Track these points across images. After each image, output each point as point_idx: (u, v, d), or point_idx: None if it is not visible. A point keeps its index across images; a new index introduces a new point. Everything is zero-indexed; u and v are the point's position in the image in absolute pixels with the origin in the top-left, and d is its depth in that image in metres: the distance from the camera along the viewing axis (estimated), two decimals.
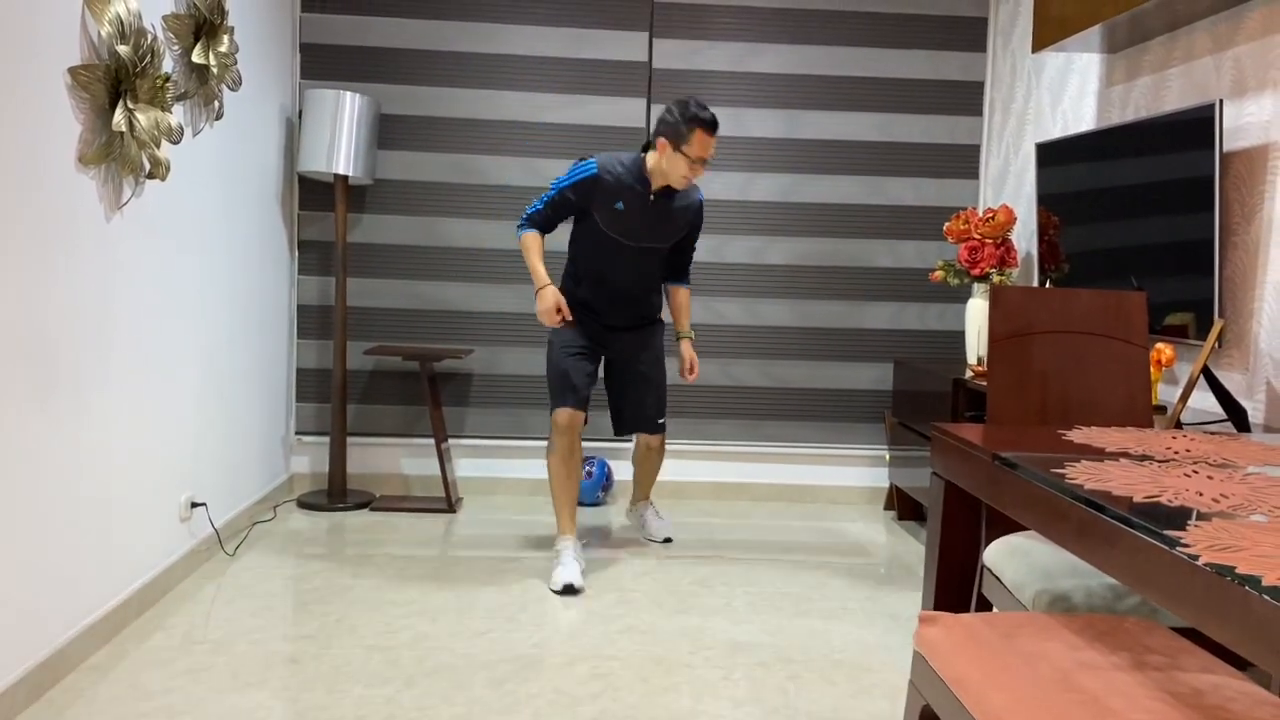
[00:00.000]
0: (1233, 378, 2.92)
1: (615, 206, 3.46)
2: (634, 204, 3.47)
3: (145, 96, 2.80)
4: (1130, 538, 1.23)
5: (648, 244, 3.54)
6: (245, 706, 2.43)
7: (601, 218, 3.49)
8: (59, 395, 2.51)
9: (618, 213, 3.47)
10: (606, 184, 3.45)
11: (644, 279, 3.61)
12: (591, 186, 3.45)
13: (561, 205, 3.50)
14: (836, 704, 2.56)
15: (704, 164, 3.41)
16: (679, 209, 3.58)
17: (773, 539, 4.08)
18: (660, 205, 3.52)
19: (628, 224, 3.49)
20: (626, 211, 3.46)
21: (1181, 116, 2.99)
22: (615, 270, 3.55)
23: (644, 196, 3.48)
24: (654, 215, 3.51)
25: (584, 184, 3.45)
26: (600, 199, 3.46)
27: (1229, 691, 1.36)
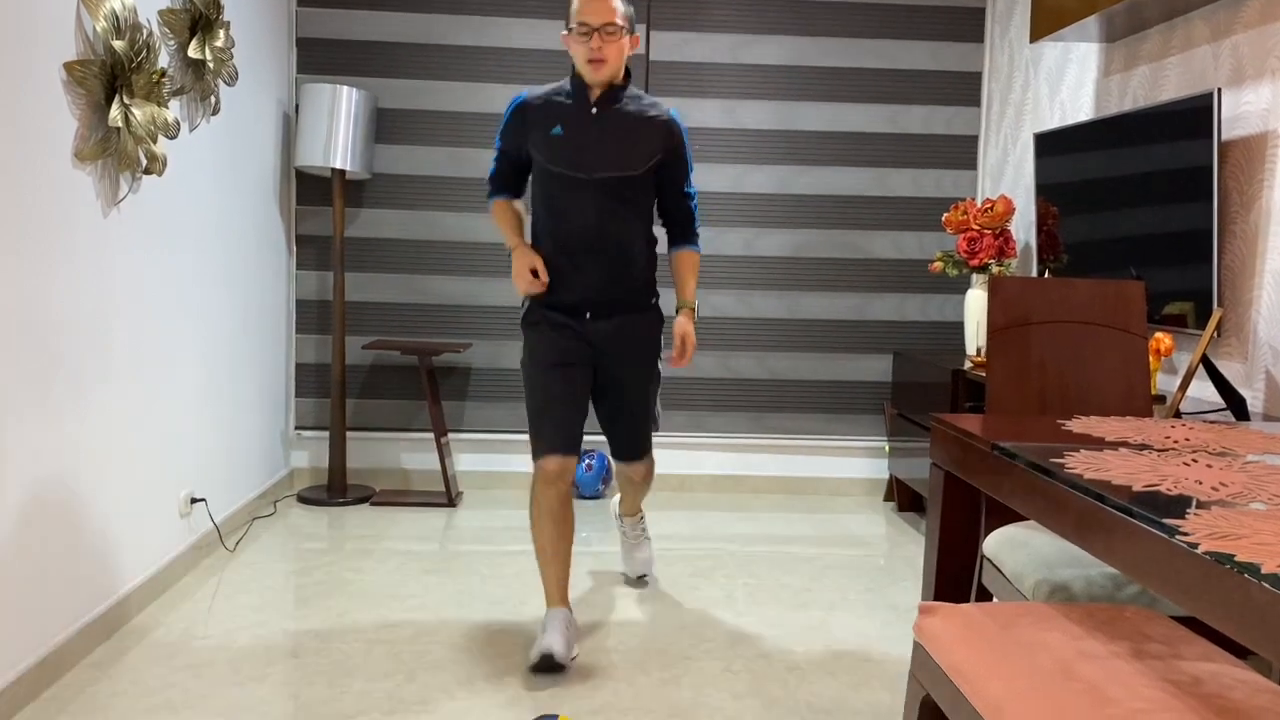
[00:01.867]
0: (1231, 367, 2.92)
1: (552, 133, 2.77)
2: (574, 122, 2.77)
3: (141, 91, 2.79)
4: (1130, 527, 1.23)
5: (606, 172, 2.77)
6: (247, 701, 2.43)
7: (542, 151, 2.79)
8: (57, 392, 2.51)
9: (556, 139, 2.77)
10: (535, 108, 2.80)
11: (612, 224, 2.80)
12: (521, 115, 2.82)
13: (507, 154, 2.90)
14: (837, 695, 2.56)
15: (597, 33, 2.69)
16: (638, 120, 2.80)
17: (772, 531, 4.08)
18: (608, 117, 2.78)
19: (572, 149, 2.76)
20: (567, 134, 2.76)
21: (1180, 105, 2.99)
22: (573, 215, 2.80)
23: (583, 109, 2.78)
24: (602, 131, 2.77)
25: (513, 118, 2.84)
26: (534, 130, 2.80)
27: (1228, 679, 1.36)
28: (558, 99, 2.80)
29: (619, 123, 2.78)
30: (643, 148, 2.80)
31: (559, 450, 2.77)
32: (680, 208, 2.96)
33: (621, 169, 2.78)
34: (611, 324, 2.86)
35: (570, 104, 2.79)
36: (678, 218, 2.98)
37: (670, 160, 2.87)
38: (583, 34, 2.71)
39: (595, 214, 2.78)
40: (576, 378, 2.84)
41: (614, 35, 2.72)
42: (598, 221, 2.78)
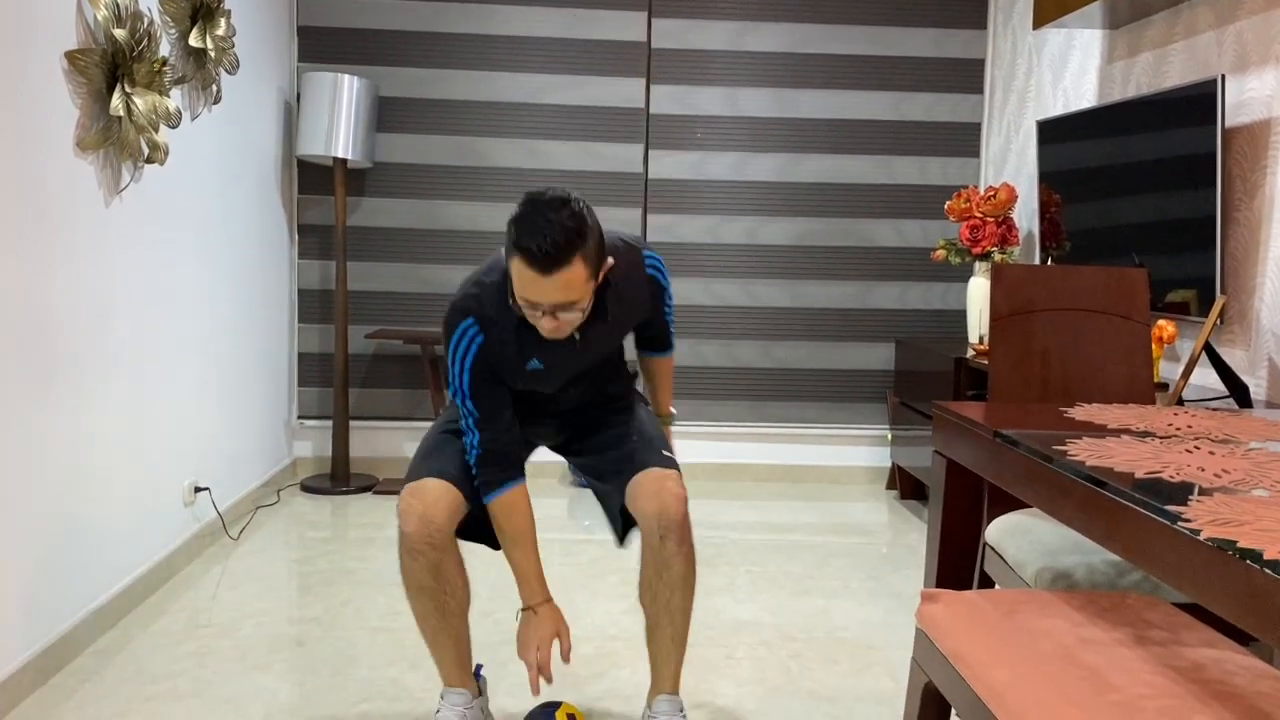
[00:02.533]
0: (1234, 354, 2.91)
1: (529, 367, 2.08)
2: (555, 354, 2.09)
3: (143, 80, 2.79)
4: (1132, 514, 1.23)
5: (584, 368, 2.19)
6: (251, 689, 2.44)
7: (515, 385, 2.11)
8: (60, 381, 2.52)
9: (535, 373, 2.10)
10: (498, 345, 2.05)
11: (588, 392, 2.28)
12: (485, 366, 2.05)
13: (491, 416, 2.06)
14: (839, 682, 2.57)
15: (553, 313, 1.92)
16: (622, 318, 2.16)
17: (775, 519, 4.08)
18: (595, 333, 2.11)
19: (551, 377, 2.13)
20: (548, 365, 2.09)
21: (1183, 92, 2.98)
22: (550, 407, 2.25)
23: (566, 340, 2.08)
24: (587, 346, 2.13)
25: (476, 372, 2.04)
26: (507, 371, 2.08)
27: (1231, 666, 1.36)
28: (520, 323, 2.04)
29: (604, 333, 2.14)
30: (626, 329, 2.22)
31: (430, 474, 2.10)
32: (660, 332, 2.38)
33: (603, 352, 2.19)
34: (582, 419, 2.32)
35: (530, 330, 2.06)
36: (653, 335, 2.40)
37: (653, 316, 2.29)
38: (529, 308, 1.94)
39: (574, 396, 2.25)
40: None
41: (574, 309, 1.94)
42: (576, 398, 2.26)
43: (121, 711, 2.31)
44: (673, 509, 2.06)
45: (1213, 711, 1.23)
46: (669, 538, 2.06)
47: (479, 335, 2.03)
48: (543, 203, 1.87)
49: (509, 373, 2.07)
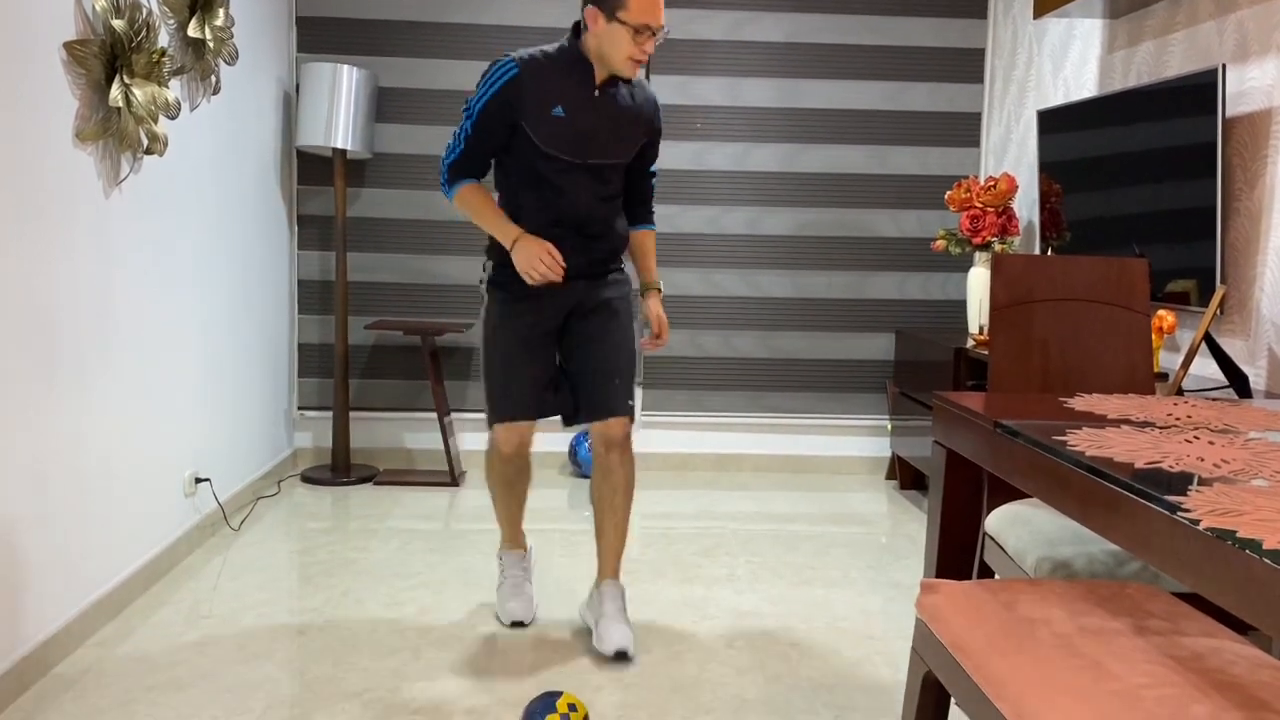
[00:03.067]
0: (1234, 344, 2.92)
1: (553, 113, 2.56)
2: (576, 104, 2.58)
3: (142, 71, 2.78)
4: (1132, 503, 1.23)
5: (600, 159, 2.64)
6: (253, 678, 2.45)
7: (537, 131, 2.57)
8: (61, 373, 2.52)
9: (557, 121, 2.56)
10: (534, 83, 2.55)
11: (599, 207, 2.69)
12: (515, 91, 2.55)
13: (485, 130, 2.60)
14: (839, 671, 2.58)
15: (653, 35, 2.51)
16: (633, 106, 2.67)
17: (775, 509, 4.09)
18: (609, 102, 2.62)
19: (573, 133, 2.59)
20: (569, 116, 2.57)
21: (1184, 82, 2.97)
22: (562, 198, 2.64)
23: (588, 91, 2.59)
24: (604, 116, 2.62)
25: (505, 90, 2.55)
26: (530, 106, 2.56)
27: (1229, 655, 1.37)
28: (557, 71, 2.57)
29: (617, 110, 2.63)
30: (634, 136, 2.69)
31: (516, 415, 2.72)
32: (645, 186, 2.86)
33: (615, 157, 2.66)
34: (582, 284, 2.73)
35: (572, 81, 2.58)
36: (641, 196, 2.86)
37: (650, 142, 2.78)
38: (640, 33, 2.49)
39: (585, 197, 2.65)
40: (546, 345, 2.74)
41: (659, 34, 2.55)
42: (587, 205, 2.66)
43: (123, 702, 2.31)
44: (617, 432, 2.74)
45: (1212, 701, 1.23)
46: (612, 450, 2.74)
47: (513, 70, 2.55)
48: None
49: (532, 114, 2.56)
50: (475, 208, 2.65)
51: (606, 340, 2.73)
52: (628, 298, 2.82)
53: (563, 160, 2.60)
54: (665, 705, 2.37)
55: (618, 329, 2.75)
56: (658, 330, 2.84)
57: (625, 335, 2.76)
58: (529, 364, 2.70)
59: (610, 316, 2.74)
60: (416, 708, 2.33)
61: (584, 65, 2.59)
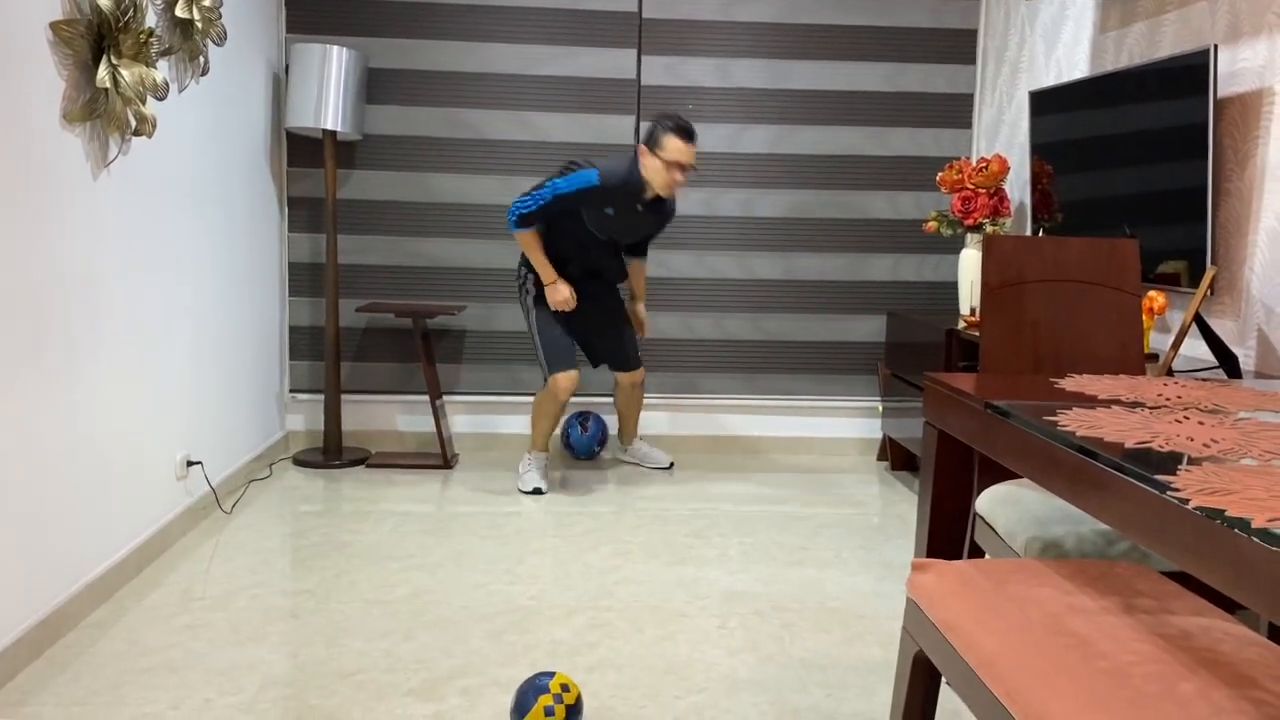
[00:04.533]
0: (1224, 325, 2.93)
1: (606, 211, 3.77)
2: (624, 210, 3.78)
3: (129, 52, 2.76)
4: (1122, 483, 1.24)
5: (623, 240, 3.96)
6: (245, 661, 2.45)
7: (590, 218, 3.81)
8: (51, 355, 2.51)
9: (607, 217, 3.79)
10: (604, 194, 3.72)
11: (611, 259, 4.03)
12: (590, 195, 3.72)
13: (557, 208, 3.74)
14: (830, 651, 2.59)
15: (684, 170, 3.68)
16: (662, 214, 3.92)
17: (766, 491, 4.10)
18: (646, 211, 3.84)
19: (613, 226, 3.84)
20: (616, 216, 3.79)
21: (1176, 62, 2.97)
22: (586, 256, 3.93)
23: (635, 203, 3.78)
24: (638, 219, 3.84)
25: (583, 194, 3.72)
26: (594, 204, 3.76)
27: (1218, 633, 1.38)
28: (620, 187, 3.71)
29: (650, 217, 3.88)
30: (653, 228, 4.00)
31: (570, 367, 3.93)
32: (647, 244, 4.20)
33: (632, 239, 3.99)
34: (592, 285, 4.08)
35: (627, 195, 3.75)
36: (644, 249, 4.18)
37: (660, 230, 4.11)
38: (672, 166, 3.67)
39: (603, 255, 3.98)
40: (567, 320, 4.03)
41: (688, 170, 3.73)
42: (597, 260, 3.98)
43: (116, 684, 2.32)
44: (639, 378, 4.21)
45: (1200, 678, 1.24)
46: (636, 388, 4.25)
47: (597, 186, 3.72)
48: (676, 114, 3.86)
49: (593, 209, 3.78)
50: (531, 250, 3.84)
51: (620, 319, 4.14)
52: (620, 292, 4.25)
53: (596, 238, 3.89)
54: (658, 685, 2.38)
55: (624, 314, 4.16)
56: (639, 325, 4.20)
57: (628, 323, 4.18)
58: (566, 335, 3.95)
59: (619, 307, 4.15)
60: (410, 689, 2.34)
61: (639, 183, 3.74)
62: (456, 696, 2.30)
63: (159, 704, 2.23)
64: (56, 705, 2.22)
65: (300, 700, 2.27)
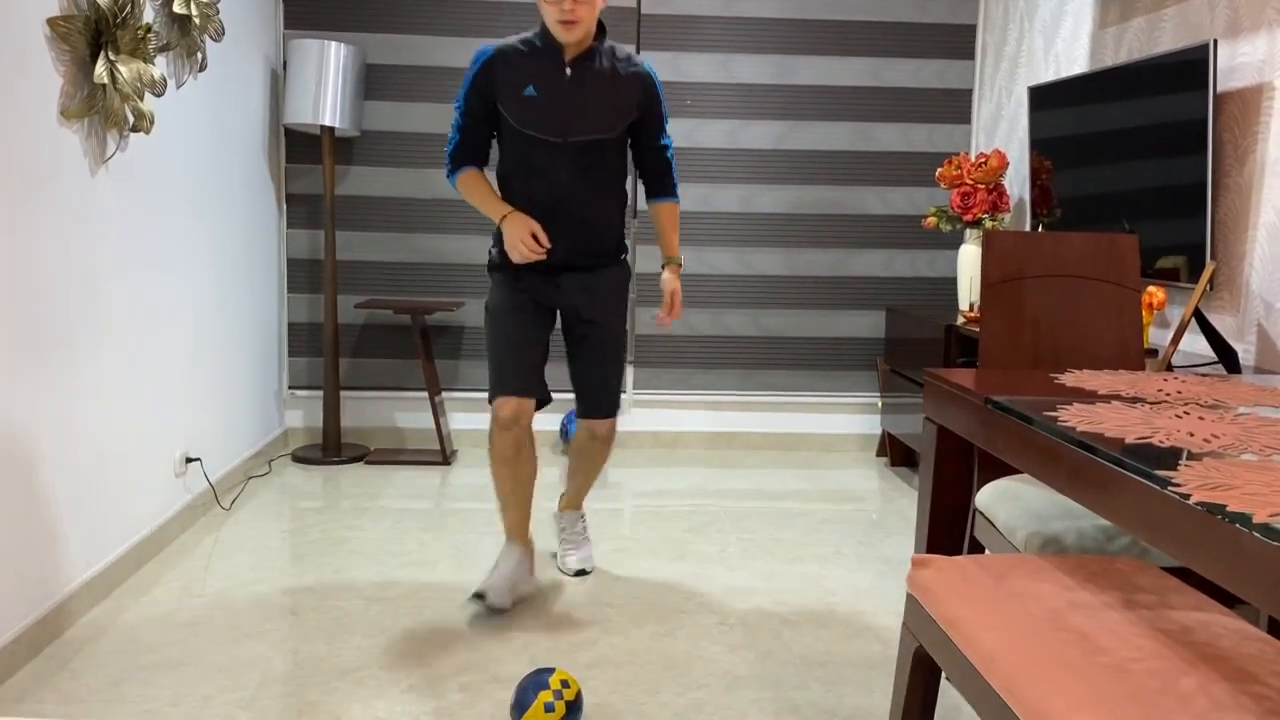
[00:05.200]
0: (1224, 320, 2.92)
1: (525, 93, 2.66)
2: (548, 84, 2.67)
3: (127, 48, 2.75)
4: (1122, 478, 1.24)
5: (580, 136, 2.69)
6: (245, 657, 2.45)
7: (513, 113, 2.68)
8: (50, 352, 2.50)
9: (530, 101, 2.66)
10: (507, 68, 2.67)
11: (585, 187, 2.74)
12: (490, 75, 2.68)
13: (472, 117, 2.74)
14: (830, 647, 2.59)
15: None
16: (613, 79, 2.71)
17: (765, 487, 4.10)
18: (584, 77, 2.68)
19: (546, 112, 2.67)
20: (541, 96, 2.66)
21: (1175, 58, 2.97)
22: (546, 182, 2.72)
23: (557, 69, 2.67)
24: (579, 92, 2.68)
25: (480, 76, 2.69)
26: (504, 89, 2.68)
27: (1218, 628, 1.38)
28: (529, 55, 2.67)
29: (594, 83, 2.69)
30: (618, 108, 2.72)
31: (510, 391, 2.73)
32: (656, 160, 2.89)
33: (596, 132, 2.70)
34: (580, 276, 2.83)
35: (543, 62, 2.67)
36: (654, 169, 2.90)
37: (645, 117, 2.80)
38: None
39: (568, 177, 2.71)
40: (541, 322, 2.82)
41: None
42: (570, 185, 2.72)
43: (115, 681, 2.32)
44: (603, 430, 2.95)
45: (1200, 673, 1.24)
46: (596, 440, 2.96)
47: (487, 55, 2.69)
48: None
49: (508, 96, 2.68)
50: (471, 189, 2.78)
51: (603, 355, 2.88)
52: (625, 292, 2.92)
53: (540, 140, 2.69)
54: (657, 682, 2.38)
55: (610, 343, 2.89)
56: (669, 305, 2.90)
57: (617, 346, 2.91)
58: (527, 344, 2.78)
59: (603, 334, 2.87)
60: (409, 685, 2.33)
61: (553, 45, 2.69)
62: (456, 693, 2.30)
63: (158, 701, 2.23)
64: (56, 702, 2.22)
65: (300, 697, 2.27)
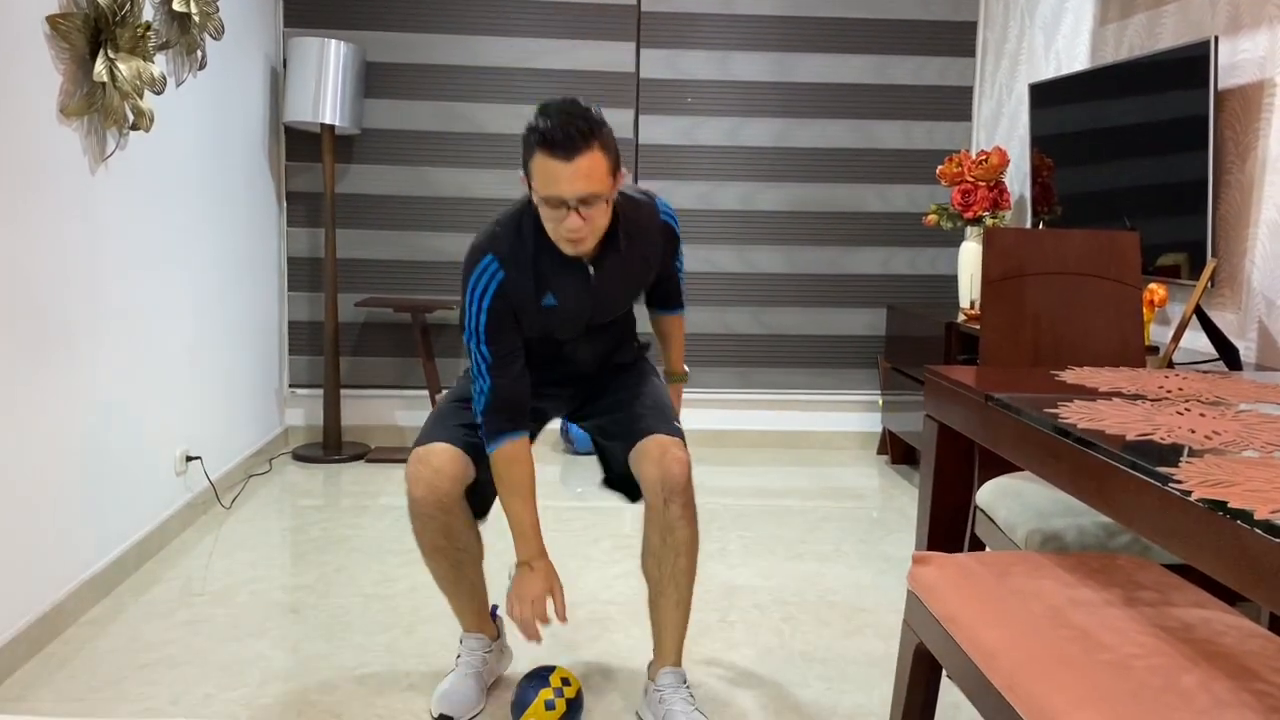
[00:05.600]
0: (1225, 317, 2.92)
1: (543, 304, 2.07)
2: (568, 288, 2.08)
3: (126, 46, 2.75)
4: (1123, 475, 1.24)
5: (602, 320, 2.19)
6: (246, 656, 2.45)
7: (532, 328, 2.10)
8: (50, 351, 2.50)
9: (550, 311, 2.09)
10: (515, 281, 2.04)
11: (603, 348, 2.27)
12: (503, 303, 2.04)
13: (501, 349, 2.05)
14: (831, 644, 2.59)
15: (576, 209, 1.90)
16: (640, 253, 2.15)
17: (767, 485, 4.10)
18: (607, 269, 2.11)
19: (570, 316, 2.12)
20: (563, 303, 2.09)
21: (1176, 54, 2.96)
22: (565, 362, 2.25)
23: (576, 269, 2.08)
24: (602, 287, 2.12)
25: (498, 302, 2.03)
26: (523, 308, 2.06)
27: (1219, 625, 1.38)
28: (535, 255, 2.04)
29: (619, 271, 2.12)
30: (643, 280, 2.21)
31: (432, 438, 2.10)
32: (672, 285, 2.40)
33: (621, 310, 2.21)
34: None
35: (555, 261, 2.05)
36: (669, 292, 2.41)
37: (666, 265, 2.30)
38: (556, 208, 1.92)
39: (586, 356, 2.25)
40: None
41: (597, 203, 1.93)
42: (588, 361, 2.26)
43: (115, 680, 2.31)
44: (676, 473, 2.05)
45: (1202, 670, 1.24)
46: (673, 502, 2.06)
47: (499, 271, 2.02)
48: (556, 103, 1.90)
49: (525, 311, 2.06)
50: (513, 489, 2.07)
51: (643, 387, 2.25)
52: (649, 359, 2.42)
53: (556, 340, 2.20)
54: None
55: (650, 378, 2.30)
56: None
57: (660, 385, 2.30)
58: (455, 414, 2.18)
59: (631, 376, 2.30)
60: (410, 683, 2.33)
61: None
62: None
63: (159, 699, 2.23)
64: (56, 701, 2.22)
65: (300, 695, 2.27)
